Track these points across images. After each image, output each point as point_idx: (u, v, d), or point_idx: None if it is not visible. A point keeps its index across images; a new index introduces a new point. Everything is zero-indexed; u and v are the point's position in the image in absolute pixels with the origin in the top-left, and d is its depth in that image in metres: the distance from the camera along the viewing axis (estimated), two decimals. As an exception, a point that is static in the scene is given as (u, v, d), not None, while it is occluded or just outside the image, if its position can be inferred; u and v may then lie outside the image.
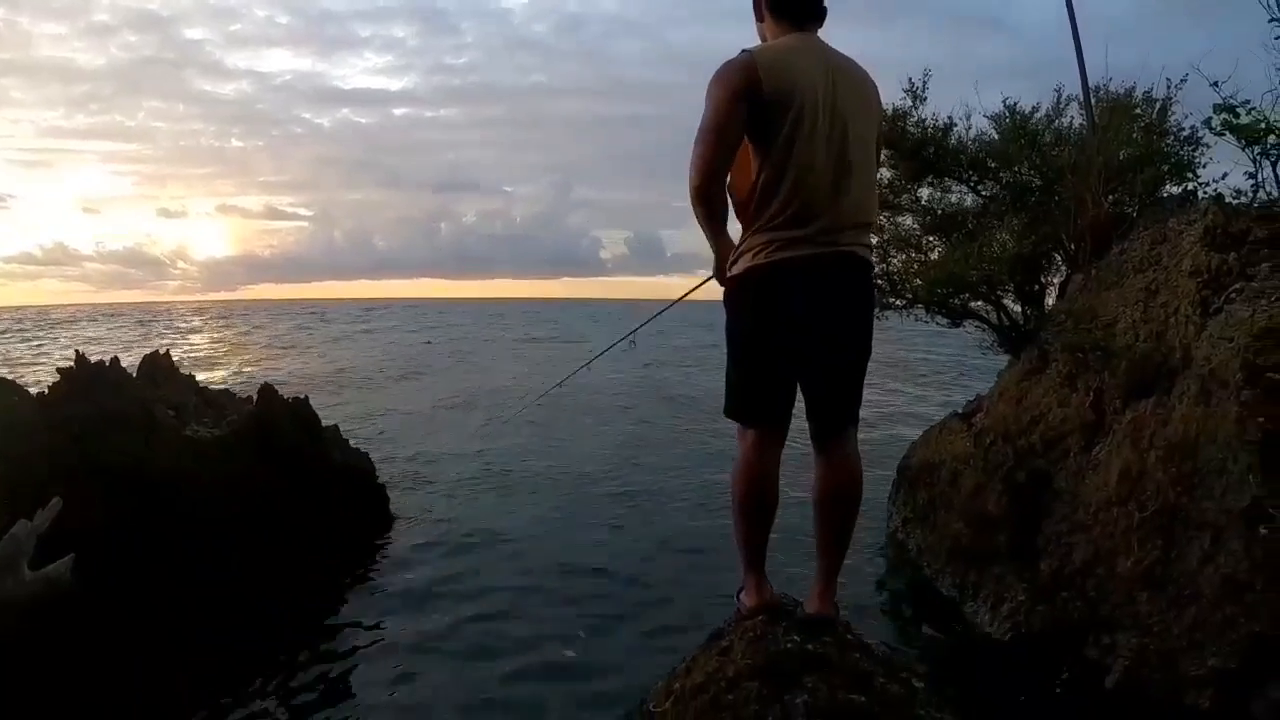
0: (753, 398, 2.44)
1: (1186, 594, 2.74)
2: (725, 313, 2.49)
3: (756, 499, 2.50)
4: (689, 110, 2.49)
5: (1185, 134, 4.13)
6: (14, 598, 2.81)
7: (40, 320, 52.20)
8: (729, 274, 2.44)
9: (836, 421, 2.50)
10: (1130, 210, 4.02)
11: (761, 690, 2.03)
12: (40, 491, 3.15)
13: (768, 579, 2.64)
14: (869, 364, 2.52)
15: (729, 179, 2.42)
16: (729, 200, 2.46)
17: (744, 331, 2.43)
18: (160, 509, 3.73)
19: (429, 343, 25.94)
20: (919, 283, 5.10)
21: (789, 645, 2.24)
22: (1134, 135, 4.08)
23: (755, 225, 2.34)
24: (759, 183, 2.32)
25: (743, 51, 2.36)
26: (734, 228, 2.50)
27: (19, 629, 2.81)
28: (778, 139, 2.27)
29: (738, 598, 2.67)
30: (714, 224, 2.47)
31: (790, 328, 2.34)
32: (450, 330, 34.12)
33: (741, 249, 2.39)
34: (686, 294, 3.20)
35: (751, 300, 2.38)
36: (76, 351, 4.19)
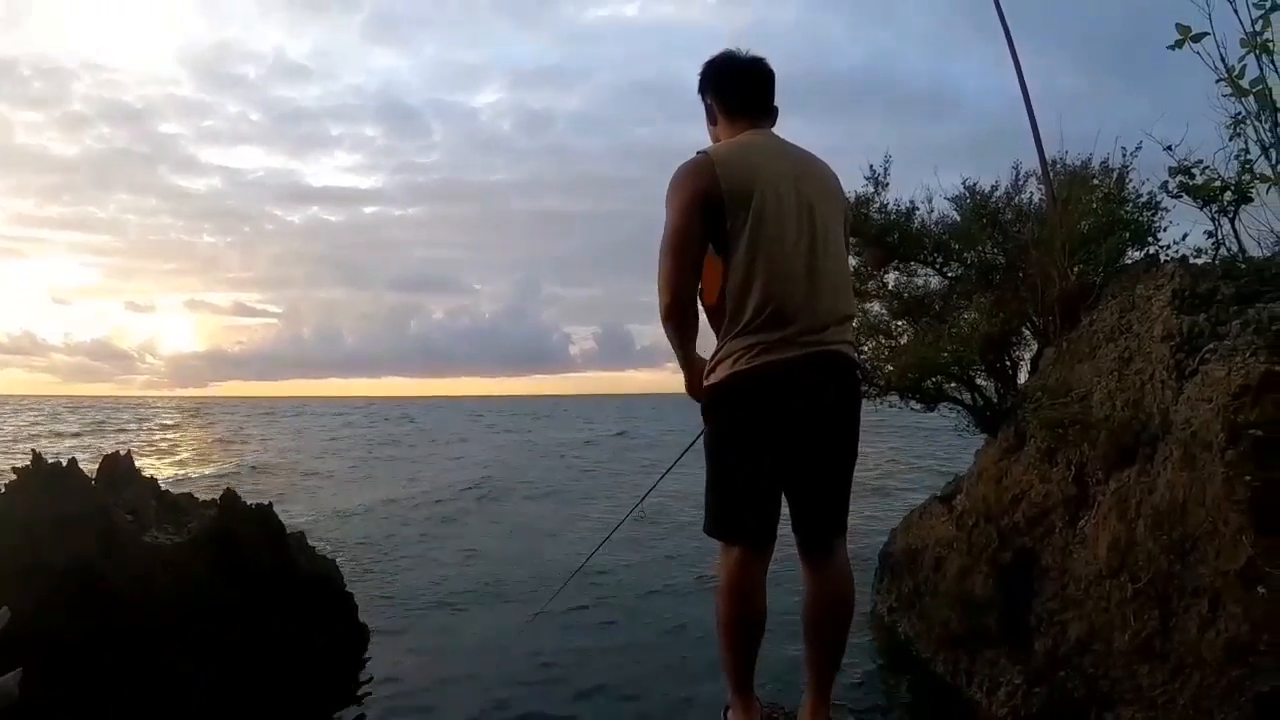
0: (737, 513, 2.30)
1: (1189, 662, 2.63)
2: (705, 425, 2.38)
3: (744, 620, 2.35)
4: (652, 204, 2.45)
5: (1144, 199, 4.19)
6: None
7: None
8: (707, 383, 2.34)
9: (826, 533, 2.39)
10: (1095, 280, 4.02)
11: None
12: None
13: (756, 697, 2.49)
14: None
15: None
16: (699, 312, 2.37)
17: (727, 443, 2.30)
18: (116, 619, 3.53)
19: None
20: (890, 368, 5.06)
21: (784, 770, 2.10)
22: (1094, 205, 4.12)
23: (733, 330, 2.24)
24: (729, 285, 2.22)
25: (698, 153, 2.32)
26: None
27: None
28: (743, 236, 2.19)
29: (725, 718, 2.52)
30: (685, 341, 2.36)
31: (778, 437, 2.23)
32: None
33: (719, 356, 2.28)
34: (693, 443, 2.96)
35: (735, 410, 2.26)
36: (33, 451, 4.04)
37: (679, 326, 2.33)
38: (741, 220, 2.19)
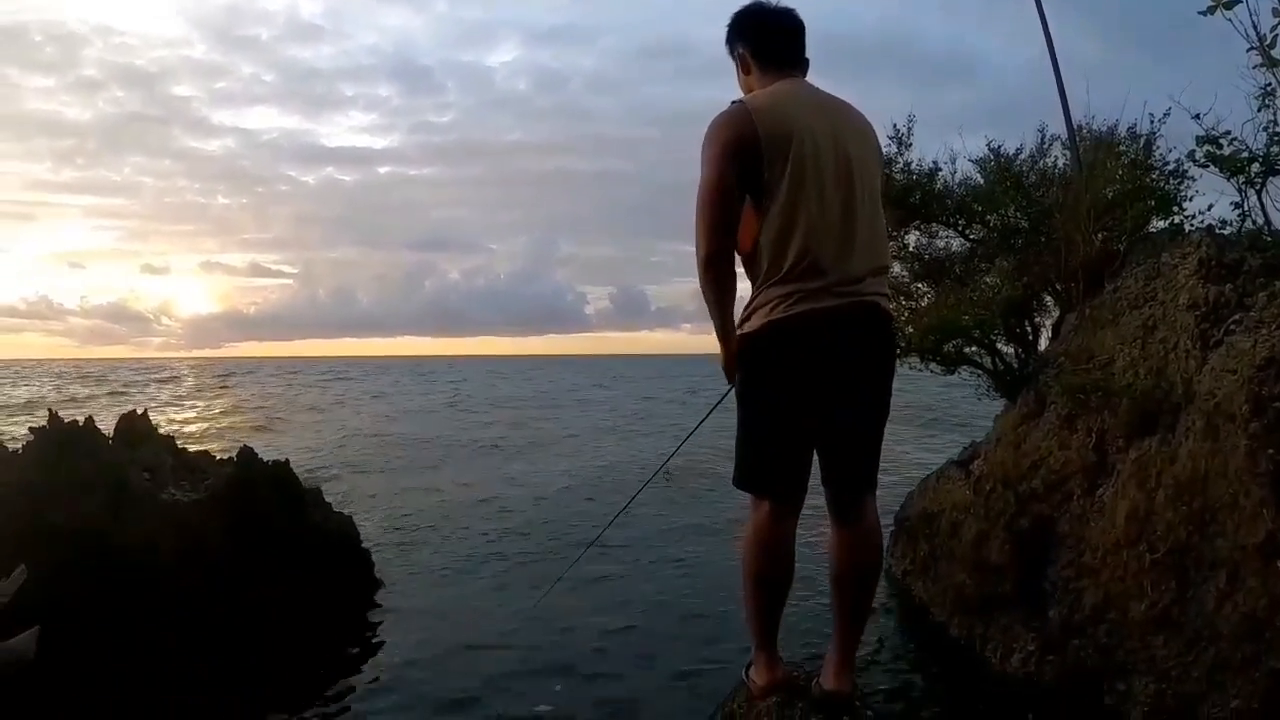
0: (768, 465, 2.29)
1: (1204, 635, 2.64)
2: (738, 372, 2.36)
3: (770, 574, 2.35)
4: (663, 166, 2.43)
5: (1170, 168, 4.13)
6: (-27, 672, 2.66)
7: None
8: (741, 332, 2.32)
9: (856, 488, 2.38)
10: (1119, 247, 3.97)
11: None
12: (4, 556, 3.03)
13: (780, 655, 2.50)
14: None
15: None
16: (735, 267, 2.35)
17: (759, 392, 2.29)
18: (132, 576, 3.59)
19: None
20: (911, 330, 5.03)
21: (807, 729, 2.12)
22: (1119, 172, 4.06)
23: (770, 279, 2.22)
24: (766, 235, 2.20)
25: (733, 102, 2.29)
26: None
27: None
28: (781, 184, 2.17)
29: (746, 675, 2.53)
30: (724, 303, 2.33)
31: (812, 388, 2.22)
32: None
33: (756, 304, 2.27)
34: (717, 404, 2.95)
35: (769, 358, 2.24)
36: (50, 410, 4.10)
37: (717, 282, 2.30)
38: (780, 169, 2.17)
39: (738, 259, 2.32)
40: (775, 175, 2.18)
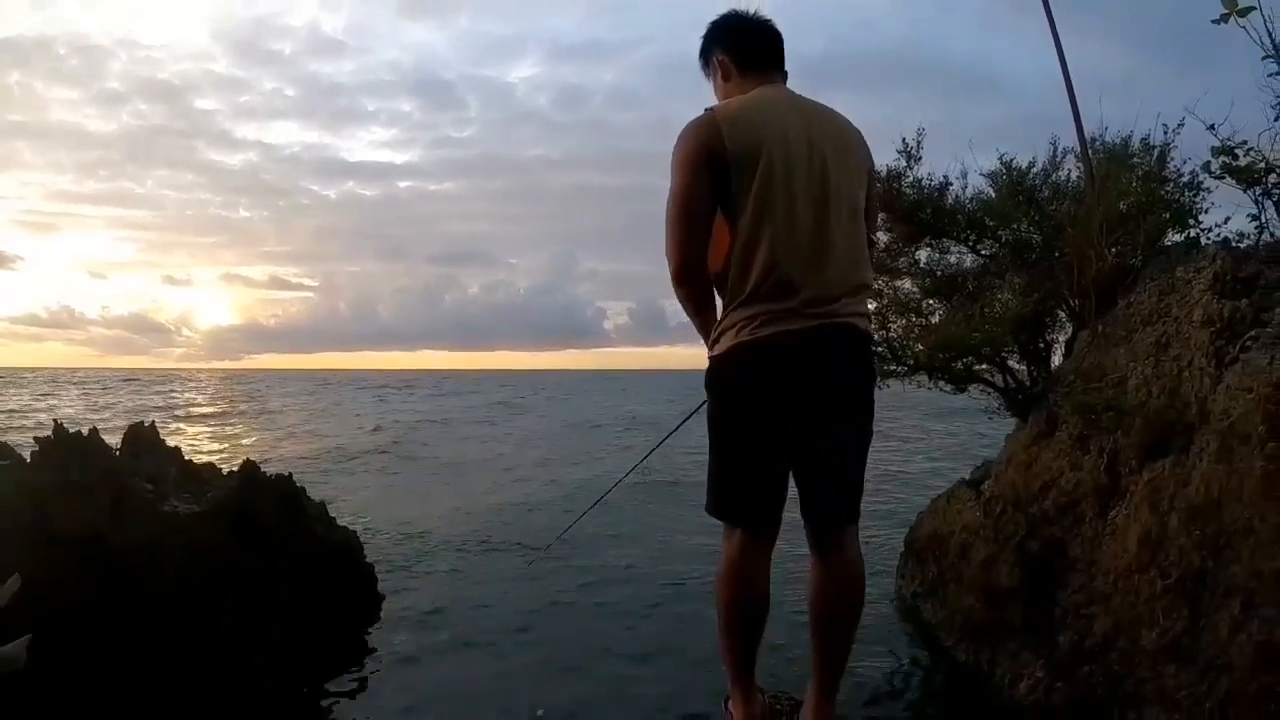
0: (739, 493, 2.19)
1: (1218, 664, 2.52)
2: (707, 398, 2.28)
3: (744, 607, 2.25)
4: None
5: (1185, 180, 4.03)
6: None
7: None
8: (710, 355, 2.24)
9: (836, 519, 2.28)
10: (1134, 262, 3.87)
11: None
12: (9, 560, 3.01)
13: (758, 687, 2.41)
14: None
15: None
16: (711, 279, 2.28)
17: (729, 418, 2.20)
18: (128, 585, 3.55)
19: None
20: (920, 348, 4.93)
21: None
22: (1133, 184, 3.95)
23: (737, 299, 2.13)
24: (734, 250, 2.12)
25: (705, 110, 2.22)
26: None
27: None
28: (749, 198, 2.08)
29: (725, 708, 2.45)
30: (703, 309, 2.26)
31: (783, 415, 2.12)
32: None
33: (723, 326, 2.17)
34: (694, 411, 2.88)
35: (736, 382, 2.15)
36: (54, 421, 4.08)
37: (690, 293, 2.23)
38: (747, 181, 2.07)
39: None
40: (743, 188, 2.08)
